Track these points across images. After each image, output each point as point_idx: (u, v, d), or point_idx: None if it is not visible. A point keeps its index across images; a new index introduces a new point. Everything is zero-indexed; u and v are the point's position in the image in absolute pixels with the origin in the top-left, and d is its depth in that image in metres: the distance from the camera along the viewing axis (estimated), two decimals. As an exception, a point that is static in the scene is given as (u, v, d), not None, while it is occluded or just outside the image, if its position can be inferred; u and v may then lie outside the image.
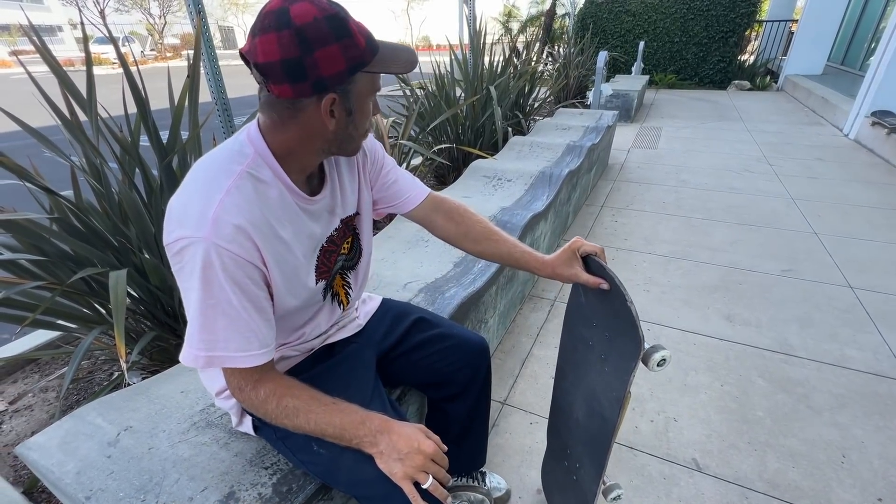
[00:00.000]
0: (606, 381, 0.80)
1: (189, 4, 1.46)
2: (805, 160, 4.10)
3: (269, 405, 0.68)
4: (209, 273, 0.61)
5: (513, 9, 15.62)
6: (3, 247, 1.27)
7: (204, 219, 0.60)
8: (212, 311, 0.63)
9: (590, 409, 0.88)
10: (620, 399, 0.75)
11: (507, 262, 0.93)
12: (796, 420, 1.47)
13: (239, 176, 0.64)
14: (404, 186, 0.93)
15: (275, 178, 0.68)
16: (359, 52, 0.60)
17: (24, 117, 1.30)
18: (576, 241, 0.86)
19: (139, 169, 1.37)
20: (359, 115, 0.67)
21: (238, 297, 0.63)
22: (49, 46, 1.30)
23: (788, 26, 9.42)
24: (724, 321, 1.96)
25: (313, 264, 0.77)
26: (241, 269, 0.63)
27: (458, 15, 6.12)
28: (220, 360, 0.65)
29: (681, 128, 5.48)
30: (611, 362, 0.79)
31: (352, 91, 0.63)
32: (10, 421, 1.49)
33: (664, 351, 0.71)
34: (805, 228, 2.79)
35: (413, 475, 0.67)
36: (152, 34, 26.53)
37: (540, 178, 2.39)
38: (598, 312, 0.84)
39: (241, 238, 0.62)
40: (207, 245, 0.60)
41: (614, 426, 0.77)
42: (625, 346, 0.74)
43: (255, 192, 0.65)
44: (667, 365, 0.72)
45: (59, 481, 0.78)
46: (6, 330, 1.99)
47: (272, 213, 0.67)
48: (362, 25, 0.62)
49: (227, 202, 0.61)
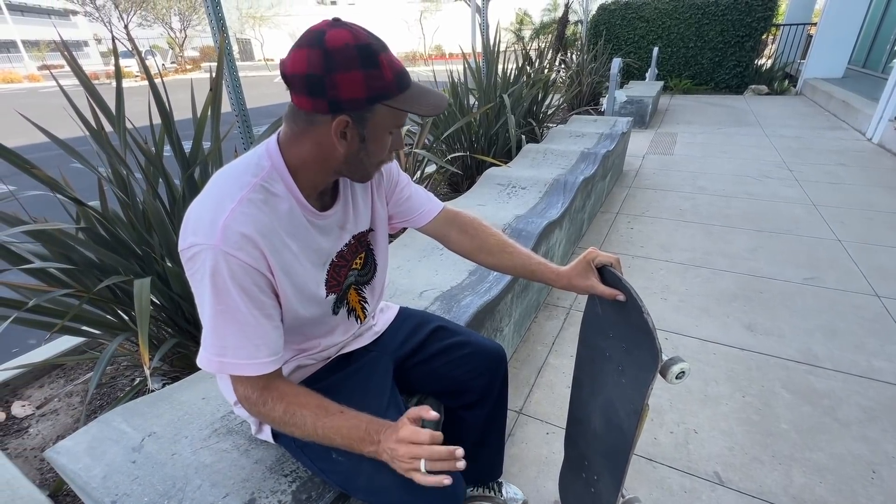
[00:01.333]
0: (624, 392, 0.80)
1: (212, 21, 1.51)
2: (826, 165, 4.02)
3: (276, 413, 0.69)
4: (218, 280, 0.63)
5: (525, 17, 15.69)
6: (34, 255, 1.32)
7: (214, 227, 0.62)
8: (222, 318, 0.65)
9: (607, 420, 0.87)
10: (639, 411, 0.74)
11: (523, 275, 0.93)
12: (823, 433, 1.43)
13: (252, 188, 0.66)
14: (418, 202, 0.94)
15: (287, 192, 0.70)
16: (383, 84, 0.61)
17: (52, 129, 1.35)
18: (590, 251, 0.85)
19: (163, 179, 1.41)
20: (373, 145, 0.67)
21: (246, 305, 0.65)
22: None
23: (807, 29, 9.27)
24: (745, 330, 1.92)
25: (323, 277, 0.78)
26: (248, 276, 0.65)
27: (471, 24, 6.17)
28: (231, 367, 0.67)
29: (697, 133, 5.42)
30: (628, 374, 0.78)
31: (368, 119, 0.64)
32: (36, 425, 1.53)
33: (683, 363, 0.70)
34: (828, 235, 2.73)
35: (407, 468, 0.64)
36: (173, 47, 27.34)
37: (554, 186, 2.38)
38: (615, 323, 0.83)
39: (248, 246, 0.64)
40: (216, 252, 0.62)
41: (633, 438, 0.76)
42: (642, 357, 0.73)
43: (266, 203, 0.67)
44: (686, 377, 0.71)
45: (86, 485, 0.80)
46: (33, 336, 2.05)
47: (281, 225, 0.69)
48: (396, 62, 0.64)
49: (238, 211, 0.64)
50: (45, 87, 19.53)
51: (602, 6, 9.25)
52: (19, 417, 1.55)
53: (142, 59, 1.32)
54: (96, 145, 1.38)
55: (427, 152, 2.60)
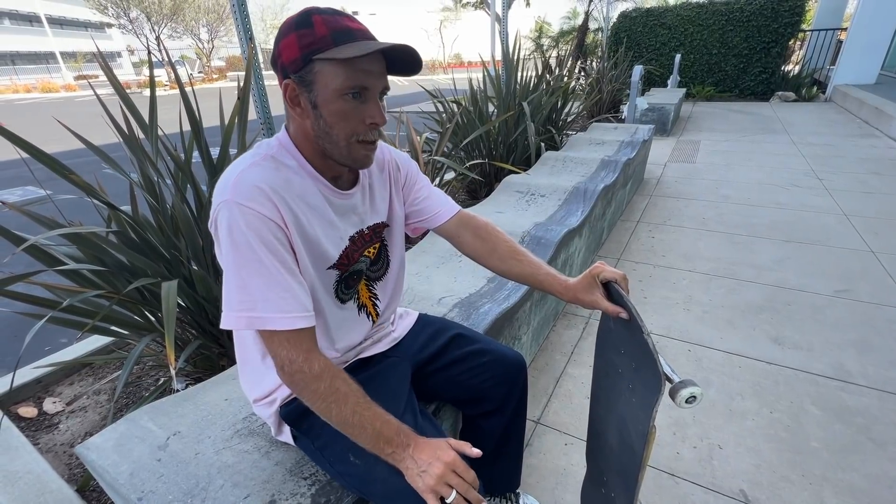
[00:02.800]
0: (633, 412, 0.77)
1: (240, 33, 1.56)
2: (858, 174, 3.88)
3: (323, 383, 0.66)
4: (235, 232, 0.64)
5: (544, 24, 15.70)
6: (68, 257, 1.37)
7: (227, 183, 0.66)
8: (245, 272, 0.64)
9: (621, 438, 0.85)
10: (645, 433, 0.71)
11: (531, 283, 0.92)
12: (856, 453, 1.37)
13: (263, 157, 0.71)
14: (435, 202, 0.95)
15: (298, 167, 0.73)
16: (313, 39, 0.63)
17: (86, 136, 1.41)
18: (596, 266, 0.83)
19: (191, 185, 1.46)
20: (327, 112, 0.66)
21: (268, 257, 0.65)
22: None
23: (836, 34, 9.02)
24: (772, 343, 1.86)
25: (335, 255, 0.78)
26: (265, 226, 0.65)
27: (490, 32, 6.21)
28: (262, 322, 0.64)
29: (720, 141, 5.31)
30: (637, 393, 0.76)
31: (312, 82, 0.65)
32: (66, 421, 1.58)
33: (694, 388, 0.67)
34: (860, 246, 2.63)
35: (434, 487, 0.63)
36: (201, 57, 28.25)
37: (574, 194, 2.36)
38: (625, 340, 0.81)
39: (260, 197, 0.65)
40: (230, 206, 0.64)
41: (641, 460, 0.74)
42: (648, 378, 0.71)
43: (278, 170, 0.70)
44: (697, 403, 0.68)
45: (114, 482, 0.82)
46: (65, 335, 2.13)
47: (294, 190, 0.71)
48: (338, 21, 0.64)
49: (249, 171, 0.68)
50: (80, 96, 20.41)
51: (623, 13, 9.20)
52: (50, 413, 1.60)
53: (175, 69, 1.37)
54: (129, 152, 1.43)
55: (446, 159, 2.61)
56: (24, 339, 1.05)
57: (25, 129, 1.30)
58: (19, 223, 1.20)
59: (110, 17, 22.82)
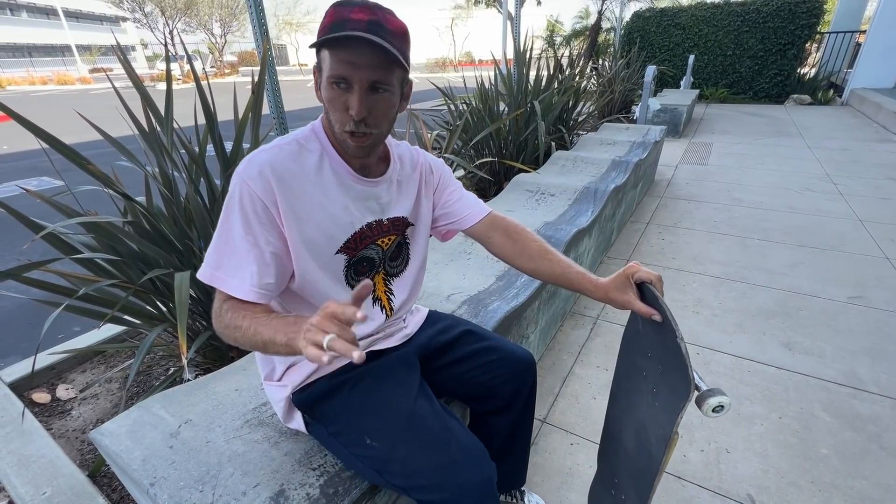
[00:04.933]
0: (656, 415, 0.76)
1: (255, 29, 1.57)
2: (875, 179, 3.82)
3: (224, 318, 0.69)
4: (231, 201, 0.71)
5: (556, 24, 15.60)
6: (84, 246, 1.39)
7: (243, 162, 0.73)
8: (222, 233, 0.72)
9: (638, 441, 0.84)
10: (667, 437, 0.70)
11: (561, 283, 0.91)
12: (867, 461, 1.35)
13: (289, 142, 0.75)
14: (467, 204, 0.97)
15: (322, 150, 0.77)
16: (322, 28, 0.66)
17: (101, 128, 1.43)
18: (631, 266, 0.82)
19: (204, 178, 1.47)
20: (323, 97, 0.71)
21: (242, 227, 0.71)
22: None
23: (854, 37, 8.86)
24: (783, 349, 1.84)
25: (342, 238, 0.80)
26: (252, 203, 0.70)
27: (502, 30, 6.19)
28: (219, 280, 0.71)
29: (733, 143, 5.25)
30: (662, 397, 0.75)
31: (321, 68, 0.69)
32: (78, 407, 1.60)
33: (723, 397, 0.65)
34: (875, 253, 2.59)
35: (311, 338, 0.52)
36: (213, 52, 28.46)
37: (584, 194, 2.35)
38: (654, 343, 0.80)
39: (259, 178, 0.70)
40: (237, 179, 0.71)
41: (659, 465, 0.73)
42: (676, 383, 0.70)
43: (294, 155, 0.74)
44: (724, 412, 0.67)
45: (127, 467, 0.84)
46: (78, 323, 2.16)
47: (304, 174, 0.74)
48: (346, 11, 0.64)
49: (264, 153, 0.73)
50: (95, 88, 20.66)
51: (636, 13, 9.12)
52: (63, 400, 1.63)
53: (191, 63, 1.39)
54: (145, 144, 1.45)
55: (456, 157, 2.61)
56: (38, 326, 1.07)
57: (42, 121, 1.33)
58: (37, 212, 1.22)
59: (125, 11, 23.07)
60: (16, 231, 3.03)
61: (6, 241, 3.36)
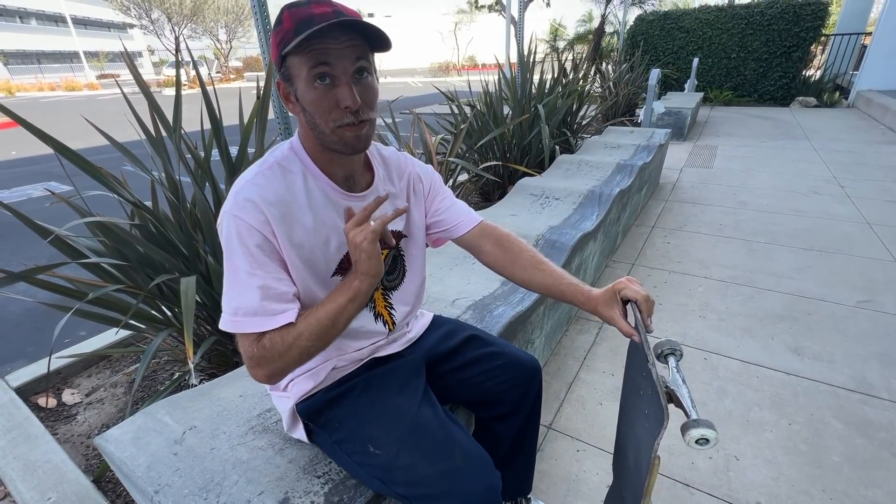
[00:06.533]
0: (645, 437, 0.75)
1: (261, 35, 1.58)
2: (882, 182, 3.78)
3: (277, 348, 0.68)
4: (230, 241, 0.69)
5: (559, 28, 15.64)
6: (90, 251, 1.40)
7: (230, 196, 0.71)
8: (232, 278, 0.69)
9: (635, 459, 0.83)
10: (648, 462, 0.68)
11: (553, 294, 0.89)
12: (879, 469, 1.33)
13: (269, 166, 0.73)
14: (457, 213, 0.95)
15: (304, 169, 0.75)
16: (283, 35, 0.64)
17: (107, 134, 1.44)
18: (620, 282, 0.80)
19: (209, 182, 1.48)
20: (306, 101, 0.67)
21: (251, 265, 0.69)
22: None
23: (860, 39, 8.82)
24: (792, 354, 1.82)
25: (337, 258, 0.78)
26: (251, 236, 0.69)
27: (505, 34, 6.21)
28: (241, 325, 0.68)
29: (738, 146, 5.22)
30: (651, 419, 0.73)
31: (291, 76, 0.67)
32: (84, 412, 1.61)
33: (707, 431, 0.60)
34: (885, 256, 2.56)
35: (365, 237, 0.65)
36: (219, 58, 28.70)
37: (589, 198, 2.34)
38: (644, 363, 0.79)
39: (251, 209, 0.68)
40: (229, 216, 0.69)
41: (643, 489, 0.71)
42: (654, 408, 0.67)
43: (279, 179, 0.72)
44: (711, 446, 0.62)
45: (131, 473, 0.83)
46: (83, 327, 2.17)
47: (294, 199, 0.73)
48: (305, 10, 0.63)
49: (249, 183, 0.71)
50: (102, 94, 20.88)
51: (640, 17, 9.12)
52: (69, 404, 1.64)
53: (198, 69, 1.39)
54: (152, 149, 1.46)
55: (461, 160, 2.61)
56: (45, 330, 1.07)
57: (50, 126, 1.34)
58: (44, 216, 1.23)
59: (133, 17, 23.32)
60: (24, 236, 3.06)
61: (14, 245, 3.39)
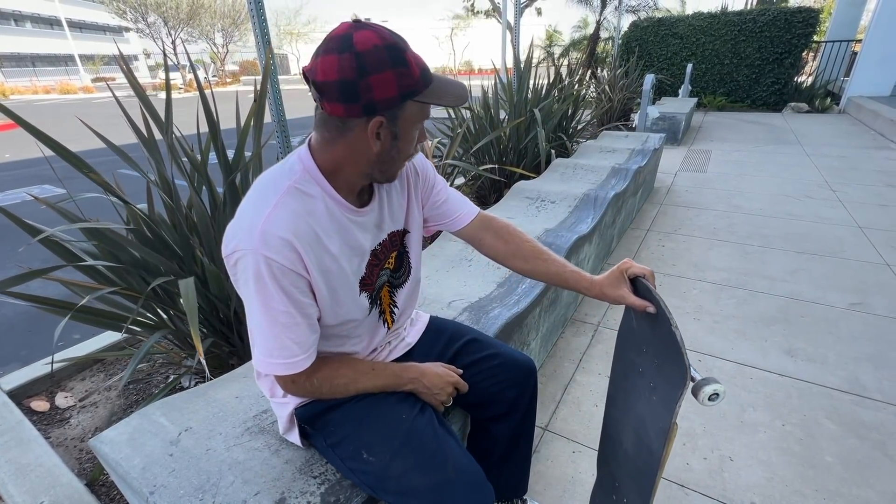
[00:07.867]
0: (654, 410, 0.77)
1: (258, 39, 1.59)
2: (874, 186, 3.83)
3: (324, 389, 0.79)
4: (261, 283, 0.66)
5: (555, 33, 15.76)
6: (85, 253, 1.40)
7: (252, 231, 0.65)
8: (268, 320, 0.69)
9: (638, 439, 0.85)
10: (667, 430, 0.71)
11: (556, 282, 0.93)
12: (871, 469, 1.34)
13: (286, 191, 0.69)
14: (455, 205, 0.95)
15: (322, 192, 0.72)
16: (412, 81, 0.63)
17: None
18: (625, 262, 0.85)
19: (206, 185, 1.48)
20: (404, 141, 0.69)
21: (287, 306, 0.69)
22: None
23: (851, 46, 8.94)
24: (785, 356, 1.83)
25: (360, 276, 0.79)
26: (287, 278, 0.67)
27: (501, 40, 6.25)
28: (277, 367, 0.72)
29: (732, 151, 5.27)
30: (659, 391, 0.76)
31: (400, 117, 0.66)
32: (77, 416, 1.60)
33: (717, 385, 0.68)
34: (876, 259, 2.59)
35: (446, 402, 0.88)
36: (215, 62, 28.70)
37: (584, 201, 2.36)
38: (649, 338, 0.81)
39: (285, 249, 0.66)
40: (257, 256, 0.65)
41: (660, 460, 0.74)
42: (672, 373, 0.72)
43: (302, 205, 0.69)
44: (720, 400, 0.69)
45: (126, 475, 0.83)
46: (77, 330, 2.16)
47: (319, 226, 0.71)
48: (419, 58, 0.65)
49: (274, 216, 0.66)
50: (98, 97, 20.80)
51: (634, 23, 9.20)
52: (62, 408, 1.63)
53: (195, 72, 1.40)
54: (146, 152, 1.46)
55: (458, 162, 2.63)
56: (38, 333, 1.07)
57: (45, 129, 1.33)
58: (40, 220, 1.22)
59: (129, 21, 23.30)
60: (18, 240, 3.03)
61: (8, 248, 3.37)
